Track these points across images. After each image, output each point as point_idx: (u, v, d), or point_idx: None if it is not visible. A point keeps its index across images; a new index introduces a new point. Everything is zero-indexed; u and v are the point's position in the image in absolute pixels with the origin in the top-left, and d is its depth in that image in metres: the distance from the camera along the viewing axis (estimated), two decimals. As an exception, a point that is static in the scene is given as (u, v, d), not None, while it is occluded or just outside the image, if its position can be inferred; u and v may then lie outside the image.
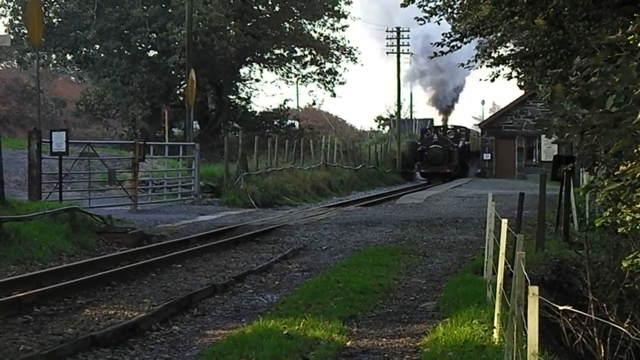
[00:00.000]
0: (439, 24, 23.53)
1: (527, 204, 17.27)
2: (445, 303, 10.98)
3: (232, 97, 52.69)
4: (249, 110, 53.99)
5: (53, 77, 62.35)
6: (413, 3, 22.31)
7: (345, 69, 72.06)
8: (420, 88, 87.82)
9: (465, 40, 22.27)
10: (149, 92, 45.72)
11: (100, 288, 11.79)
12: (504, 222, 8.99)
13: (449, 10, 22.51)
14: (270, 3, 50.06)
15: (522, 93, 52.67)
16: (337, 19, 52.24)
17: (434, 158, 52.66)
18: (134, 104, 46.61)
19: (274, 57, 52.82)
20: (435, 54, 23.68)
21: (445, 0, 22.32)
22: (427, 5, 22.52)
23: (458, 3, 22.12)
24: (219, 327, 9.87)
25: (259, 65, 53.49)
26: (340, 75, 53.93)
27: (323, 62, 53.19)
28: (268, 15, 49.79)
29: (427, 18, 22.77)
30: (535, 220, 16.85)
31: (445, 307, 10.72)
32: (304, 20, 51.76)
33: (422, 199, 31.22)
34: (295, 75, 54.33)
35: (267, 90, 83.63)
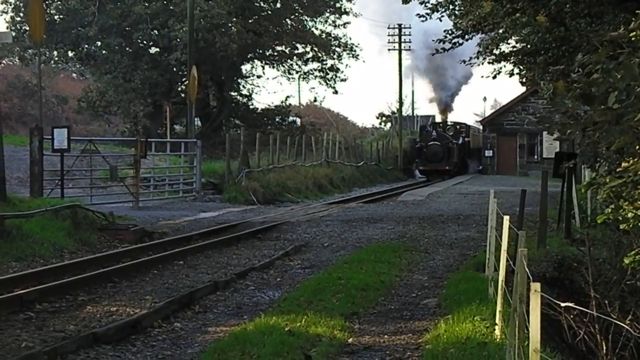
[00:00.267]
0: (441, 21, 23.54)
1: (528, 201, 17.27)
2: (447, 300, 10.98)
3: (233, 93, 52.66)
4: (251, 107, 53.94)
5: (55, 74, 62.44)
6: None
7: (347, 66, 72.00)
8: (422, 84, 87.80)
9: (467, 37, 22.24)
10: (151, 88, 45.72)
11: (102, 285, 11.80)
12: (506, 218, 8.98)
13: (451, 7, 22.47)
14: (272, 0, 50.04)
15: (523, 90, 52.59)
16: (338, 16, 52.23)
17: (433, 155, 51.78)
18: (136, 101, 46.63)
19: (276, 54, 52.70)
20: (437, 51, 23.67)
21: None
22: (429, 2, 22.50)
23: (460, 0, 22.09)
24: (221, 324, 9.87)
25: (261, 62, 53.40)
26: (342, 72, 53.89)
27: (325, 58, 53.13)
28: (270, 12, 49.72)
29: (428, 15, 22.73)
30: (537, 217, 16.85)
31: (447, 304, 10.72)
32: (306, 17, 51.67)
33: (423, 196, 31.21)
34: (297, 72, 54.29)
35: (268, 87, 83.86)
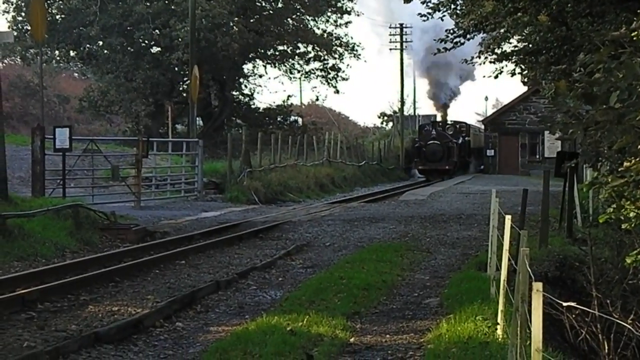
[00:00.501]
0: (442, 20, 23.54)
1: (530, 201, 17.26)
2: (449, 299, 10.97)
3: (235, 93, 52.69)
4: (252, 107, 53.96)
5: (56, 73, 62.47)
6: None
7: (348, 65, 71.65)
8: (424, 84, 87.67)
9: (469, 37, 22.23)
10: (152, 88, 45.75)
11: (104, 284, 11.80)
12: (508, 218, 8.96)
13: (452, 7, 22.46)
14: (273, -1, 50.09)
15: (525, 89, 52.54)
16: (340, 15, 52.21)
17: (432, 154, 51.15)
18: (137, 100, 46.64)
19: (277, 53, 52.71)
20: (439, 50, 23.64)
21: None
22: (430, 1, 22.50)
23: (461, -1, 22.10)
24: (223, 323, 9.87)
25: (262, 62, 53.41)
26: (343, 72, 53.88)
27: (326, 58, 53.12)
28: (271, 12, 49.73)
29: (430, 14, 22.73)
30: (539, 217, 16.82)
31: (449, 303, 10.71)
32: (307, 17, 51.66)
33: (425, 195, 31.21)
34: (299, 72, 54.25)
35: (270, 87, 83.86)
